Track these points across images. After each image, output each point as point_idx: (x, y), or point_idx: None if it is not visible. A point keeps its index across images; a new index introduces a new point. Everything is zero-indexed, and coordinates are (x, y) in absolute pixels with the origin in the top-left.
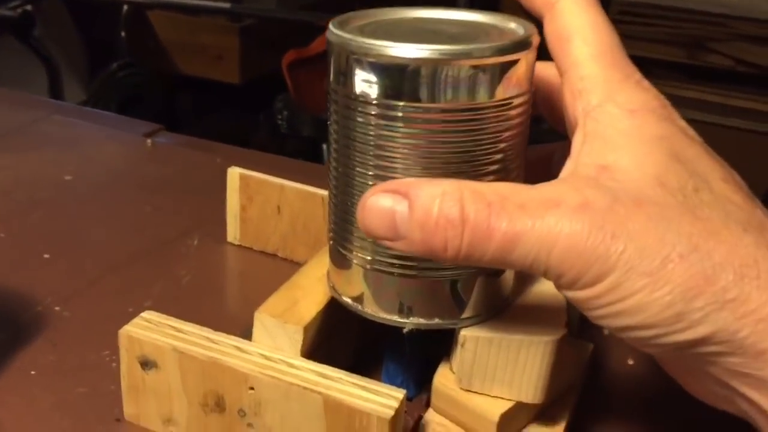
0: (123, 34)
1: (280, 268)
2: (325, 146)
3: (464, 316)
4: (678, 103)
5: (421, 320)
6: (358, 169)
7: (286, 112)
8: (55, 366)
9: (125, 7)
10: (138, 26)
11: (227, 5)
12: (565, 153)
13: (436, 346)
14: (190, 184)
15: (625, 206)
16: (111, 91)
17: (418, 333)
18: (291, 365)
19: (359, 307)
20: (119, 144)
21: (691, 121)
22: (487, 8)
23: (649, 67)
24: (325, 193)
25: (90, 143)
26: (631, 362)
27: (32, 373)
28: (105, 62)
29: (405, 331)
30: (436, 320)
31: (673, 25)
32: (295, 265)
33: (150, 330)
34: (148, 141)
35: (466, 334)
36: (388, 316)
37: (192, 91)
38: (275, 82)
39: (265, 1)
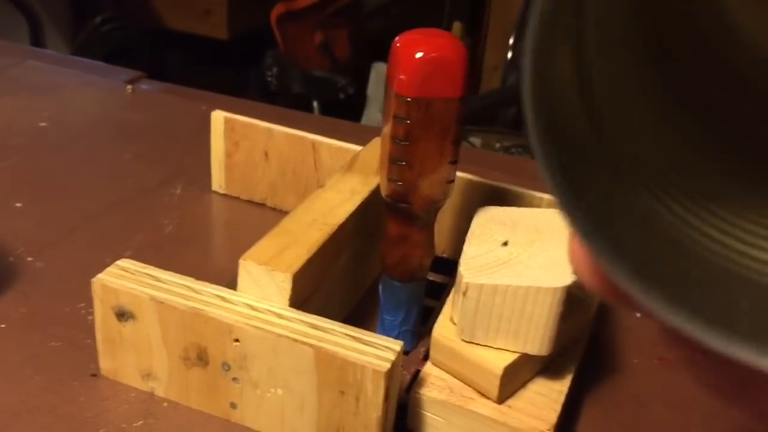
0: None
1: (269, 218)
2: (315, 104)
3: None
4: None
5: None
6: None
7: (275, 69)
8: (27, 319)
9: None
10: None
11: None
12: None
13: (433, 297)
14: (173, 131)
15: None
16: (95, 45)
17: (417, 281)
18: (279, 316)
19: None
20: (98, 90)
21: None
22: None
23: None
24: (315, 137)
25: (67, 90)
26: (639, 315)
27: (2, 326)
28: (89, 15)
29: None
30: None
31: None
32: (284, 215)
33: (126, 279)
34: (128, 87)
35: (468, 281)
36: None
37: (179, 46)
38: (265, 37)
39: None
